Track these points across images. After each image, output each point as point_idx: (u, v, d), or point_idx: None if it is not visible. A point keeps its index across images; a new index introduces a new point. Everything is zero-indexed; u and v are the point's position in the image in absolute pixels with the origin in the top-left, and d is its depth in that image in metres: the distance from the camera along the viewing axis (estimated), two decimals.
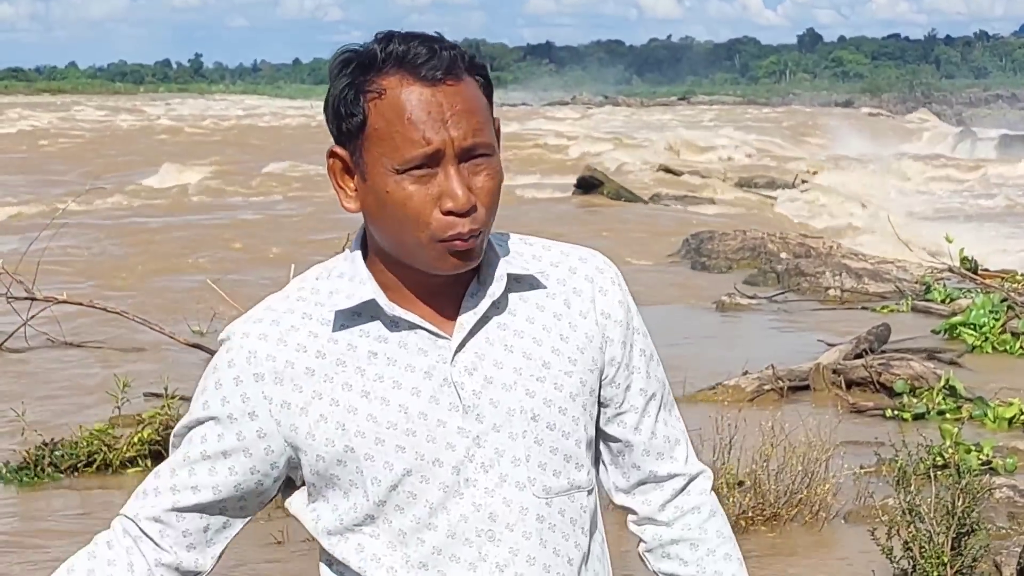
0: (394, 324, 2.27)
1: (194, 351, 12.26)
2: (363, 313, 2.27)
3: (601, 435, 2.41)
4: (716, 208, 26.57)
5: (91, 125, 63.57)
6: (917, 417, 10.19)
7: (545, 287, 2.34)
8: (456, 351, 2.26)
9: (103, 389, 9.85)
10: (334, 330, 2.27)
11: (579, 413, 2.31)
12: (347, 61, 2.22)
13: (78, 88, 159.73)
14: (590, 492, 2.35)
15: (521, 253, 2.36)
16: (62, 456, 8.96)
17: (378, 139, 2.19)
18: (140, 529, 2.33)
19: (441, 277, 2.26)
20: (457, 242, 2.20)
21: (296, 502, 2.38)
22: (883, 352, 12.08)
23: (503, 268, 2.30)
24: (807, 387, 11.11)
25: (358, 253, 2.31)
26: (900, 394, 10.69)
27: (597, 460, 2.43)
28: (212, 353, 9.06)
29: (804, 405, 10.45)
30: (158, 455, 9.09)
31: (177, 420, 8.99)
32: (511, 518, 2.25)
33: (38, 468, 8.86)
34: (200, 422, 2.31)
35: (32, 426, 9.03)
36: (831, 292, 16.16)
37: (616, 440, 2.41)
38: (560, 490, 2.29)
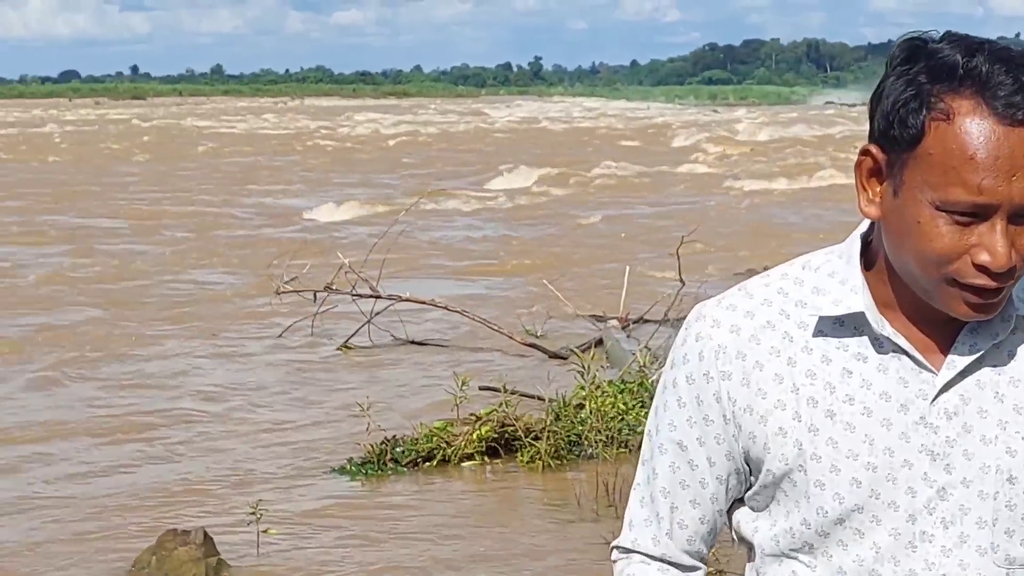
0: (878, 344, 2.04)
1: (531, 351, 12.47)
2: (846, 323, 2.06)
3: None
4: None
5: (435, 127, 65.23)
6: None
7: None
8: (941, 391, 2.03)
9: (443, 387, 10.09)
10: (812, 336, 2.06)
11: None
12: (914, 57, 1.96)
13: (422, 91, 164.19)
14: None
15: None
16: (403, 452, 9.24)
17: (928, 166, 1.92)
18: (659, 556, 2.21)
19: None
20: (975, 294, 1.96)
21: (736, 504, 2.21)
22: None
23: (1014, 307, 2.05)
24: None
25: (856, 254, 2.08)
26: None
27: None
28: (548, 354, 9.11)
29: None
30: (494, 451, 9.31)
31: (514, 419, 9.26)
32: None
33: (381, 463, 9.16)
34: (671, 419, 2.16)
35: (375, 421, 9.32)
36: None
37: None
38: None
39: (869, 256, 2.08)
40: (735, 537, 2.22)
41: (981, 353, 2.03)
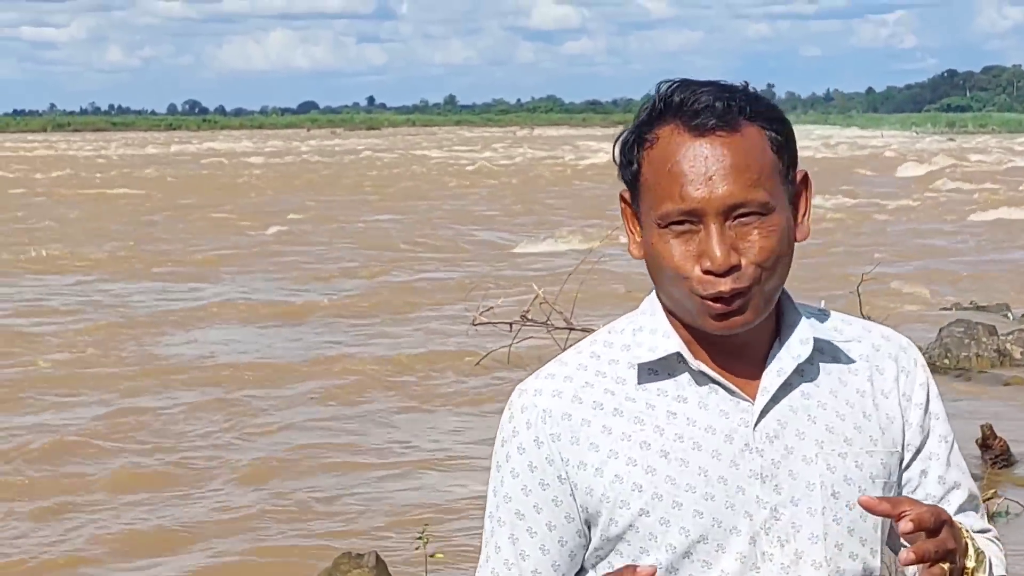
0: (695, 382, 2.15)
1: None
2: (660, 371, 2.17)
3: None
4: None
5: None
6: None
7: (852, 360, 2.22)
8: (760, 417, 2.14)
9: None
10: (632, 387, 2.17)
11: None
12: (641, 110, 2.17)
13: None
14: None
15: (822, 323, 2.23)
16: None
17: (647, 190, 2.12)
18: None
19: (739, 336, 2.14)
20: (716, 303, 2.09)
21: None
22: None
23: (807, 331, 2.18)
24: None
25: (659, 305, 2.20)
26: None
27: None
28: None
29: None
30: None
31: None
32: None
33: None
34: (507, 492, 2.21)
35: None
36: None
37: None
38: (854, 574, 2.17)
39: (665, 308, 2.21)
40: None
41: (788, 376, 2.16)
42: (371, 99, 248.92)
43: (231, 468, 10.29)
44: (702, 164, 2.07)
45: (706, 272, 2.08)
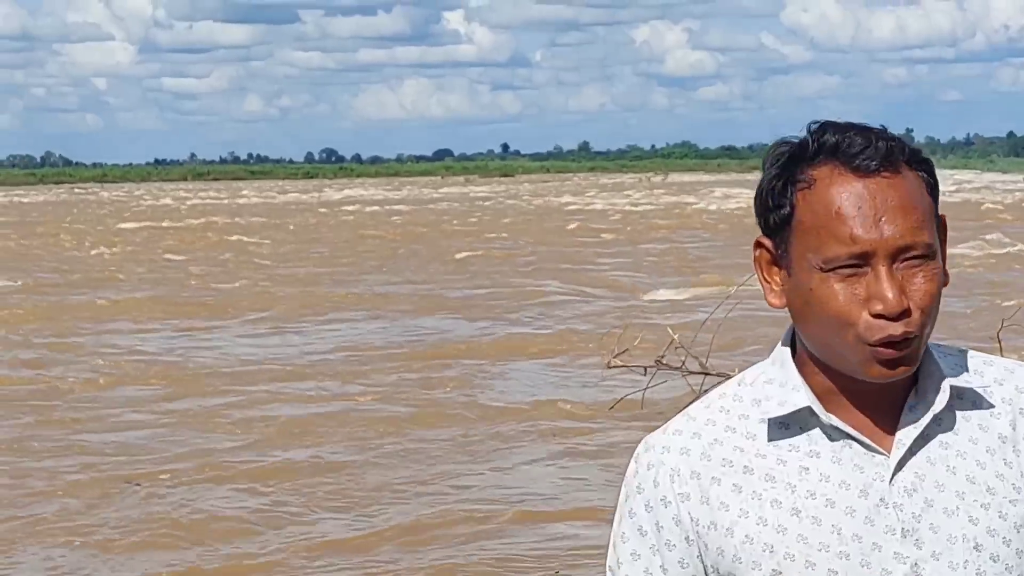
0: (827, 436, 2.10)
1: None
2: (791, 425, 2.11)
3: None
4: None
5: None
6: None
7: (992, 406, 2.14)
8: (895, 470, 2.08)
9: None
10: (762, 443, 2.12)
11: None
12: (780, 152, 2.09)
13: None
14: None
15: (963, 366, 2.16)
16: None
17: (803, 233, 2.05)
18: None
19: (875, 386, 2.07)
20: (887, 348, 2.03)
21: None
22: None
23: (944, 380, 2.11)
24: None
25: (788, 355, 2.14)
26: None
27: None
28: None
29: None
30: None
31: None
32: None
33: None
34: (633, 548, 2.17)
35: None
36: None
37: None
38: None
39: (798, 358, 2.14)
40: None
41: (924, 426, 2.09)
42: (505, 146, 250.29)
43: (362, 504, 10.26)
44: (870, 205, 2.03)
45: (876, 316, 2.02)
